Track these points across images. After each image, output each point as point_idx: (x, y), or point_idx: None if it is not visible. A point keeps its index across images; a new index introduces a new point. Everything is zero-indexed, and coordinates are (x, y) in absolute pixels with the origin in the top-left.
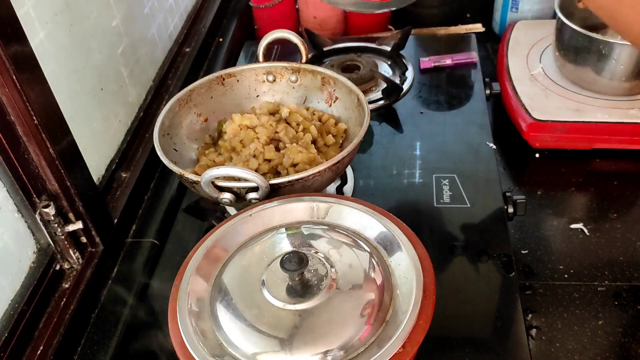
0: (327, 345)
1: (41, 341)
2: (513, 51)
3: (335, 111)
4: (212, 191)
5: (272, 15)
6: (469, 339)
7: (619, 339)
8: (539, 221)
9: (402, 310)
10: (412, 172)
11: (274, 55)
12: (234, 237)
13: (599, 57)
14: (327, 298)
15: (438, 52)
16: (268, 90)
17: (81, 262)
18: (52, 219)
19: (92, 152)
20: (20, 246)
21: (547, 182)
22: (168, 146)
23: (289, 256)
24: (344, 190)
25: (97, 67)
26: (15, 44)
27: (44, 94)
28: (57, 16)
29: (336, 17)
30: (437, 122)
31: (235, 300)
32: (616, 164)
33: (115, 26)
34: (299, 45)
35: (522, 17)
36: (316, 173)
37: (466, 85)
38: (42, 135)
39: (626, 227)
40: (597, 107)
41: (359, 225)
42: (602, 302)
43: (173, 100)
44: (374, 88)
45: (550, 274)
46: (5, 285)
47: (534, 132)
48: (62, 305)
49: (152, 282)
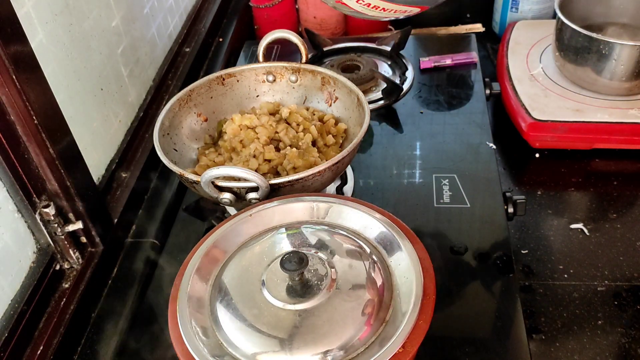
0: (327, 345)
1: (41, 341)
2: (513, 51)
3: (335, 111)
4: (212, 191)
5: (272, 15)
6: (469, 339)
7: (619, 339)
8: (539, 221)
9: (402, 310)
10: (412, 172)
11: (274, 55)
12: (234, 237)
13: (599, 57)
14: (327, 298)
15: (438, 52)
16: (268, 90)
17: (81, 262)
18: (52, 219)
19: (92, 152)
20: (20, 246)
21: (547, 182)
22: (168, 146)
23: (289, 256)
24: (344, 190)
25: (97, 67)
26: (15, 44)
27: (44, 94)
28: (57, 16)
29: (336, 17)
30: (437, 122)
31: (235, 300)
32: (616, 164)
33: (115, 26)
34: (299, 45)
35: (522, 17)
36: (316, 173)
37: (466, 85)
38: (42, 135)
39: (626, 227)
40: (597, 107)
41: (359, 225)
42: (602, 302)
43: (173, 100)
44: (374, 88)
45: (550, 274)
46: (5, 285)
47: (534, 132)
48: (62, 305)
49: (152, 282)
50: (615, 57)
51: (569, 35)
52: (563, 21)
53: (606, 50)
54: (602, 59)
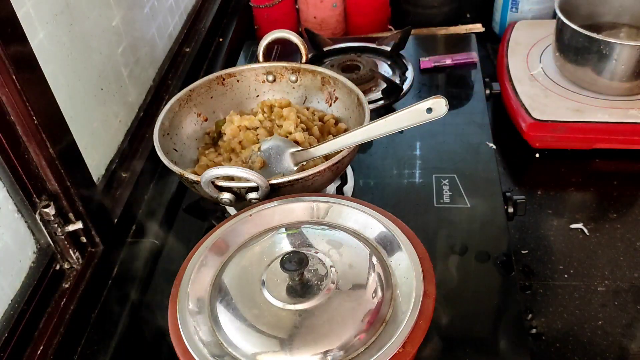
0: (327, 345)
1: (41, 341)
2: (513, 51)
3: (335, 111)
4: (212, 191)
5: (272, 15)
6: (469, 339)
7: (619, 339)
8: (539, 221)
9: (402, 310)
10: (412, 172)
11: (274, 55)
12: (234, 237)
13: (599, 57)
14: (327, 298)
15: (438, 52)
16: (268, 90)
17: (81, 262)
18: (52, 219)
19: (92, 152)
20: (20, 246)
21: (547, 182)
22: (168, 146)
23: (289, 256)
24: (344, 190)
25: (97, 67)
26: (15, 44)
27: (44, 94)
28: (57, 16)
29: (336, 17)
30: (437, 122)
31: (235, 300)
32: (616, 164)
33: (115, 26)
34: (299, 45)
35: (522, 17)
36: (316, 173)
37: (466, 85)
38: (42, 135)
39: (626, 227)
40: (597, 107)
41: (359, 225)
42: (602, 302)
43: (173, 100)
44: (374, 88)
45: (550, 274)
46: (5, 285)
47: (534, 132)
48: (62, 305)
49: (152, 282)
50: (615, 57)
51: (569, 36)
52: (563, 21)
53: (606, 51)
54: (602, 59)
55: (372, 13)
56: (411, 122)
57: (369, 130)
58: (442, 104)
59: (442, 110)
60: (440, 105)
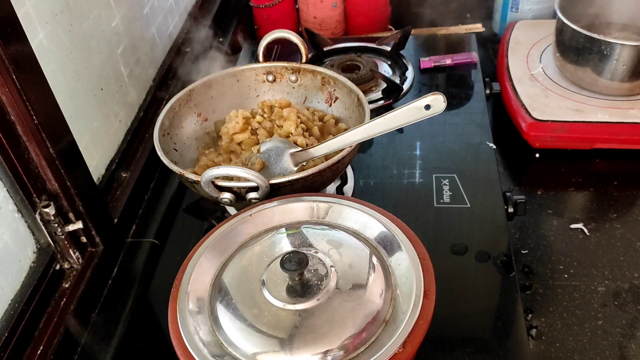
0: (327, 345)
1: (41, 341)
2: (513, 51)
3: (335, 111)
4: (212, 191)
5: (272, 15)
6: (469, 339)
7: (619, 339)
8: (539, 221)
9: (402, 310)
10: (412, 172)
11: (274, 55)
12: (234, 237)
13: (599, 58)
14: (327, 298)
15: (438, 52)
16: (268, 90)
17: (81, 262)
18: (52, 219)
19: (92, 152)
20: (20, 246)
21: (547, 182)
22: (168, 146)
23: (289, 256)
24: (344, 190)
25: (97, 67)
26: (15, 44)
27: (44, 94)
28: (57, 16)
29: (336, 17)
30: (437, 122)
31: (235, 300)
32: (616, 164)
33: (115, 26)
34: (299, 45)
35: (522, 17)
36: (316, 173)
37: (466, 85)
38: (42, 135)
39: (626, 227)
40: (597, 107)
41: (359, 225)
42: (602, 302)
43: (173, 100)
44: (374, 88)
45: (550, 274)
46: (5, 285)
47: (534, 132)
48: (62, 305)
49: (152, 282)
50: (616, 57)
51: (569, 36)
52: (563, 21)
53: (607, 51)
54: (602, 60)
55: (372, 13)
56: (410, 119)
57: (368, 129)
58: (440, 100)
59: (440, 107)
60: (439, 102)
